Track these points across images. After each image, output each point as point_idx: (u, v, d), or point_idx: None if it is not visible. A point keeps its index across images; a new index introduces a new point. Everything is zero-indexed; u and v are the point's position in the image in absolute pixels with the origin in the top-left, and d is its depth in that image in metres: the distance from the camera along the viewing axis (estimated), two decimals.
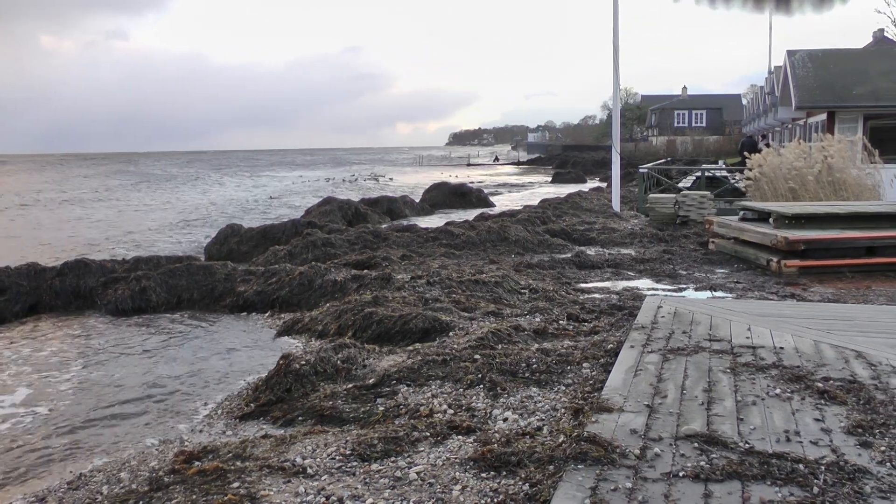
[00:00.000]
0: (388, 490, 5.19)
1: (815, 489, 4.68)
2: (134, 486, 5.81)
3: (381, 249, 17.24)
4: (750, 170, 23.50)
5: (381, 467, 5.57)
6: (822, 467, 4.99)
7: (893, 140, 27.37)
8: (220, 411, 8.13)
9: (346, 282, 13.06)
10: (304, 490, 5.25)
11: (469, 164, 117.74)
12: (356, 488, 5.24)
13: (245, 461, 5.86)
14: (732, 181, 29.70)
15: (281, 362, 8.42)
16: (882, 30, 66.74)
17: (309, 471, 5.56)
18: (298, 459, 5.78)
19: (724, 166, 43.34)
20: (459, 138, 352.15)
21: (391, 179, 73.68)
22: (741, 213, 18.47)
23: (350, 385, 7.81)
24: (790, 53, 30.73)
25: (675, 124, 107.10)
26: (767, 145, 28.81)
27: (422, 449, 5.90)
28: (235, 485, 5.37)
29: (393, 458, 5.73)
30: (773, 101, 42.73)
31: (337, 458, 5.79)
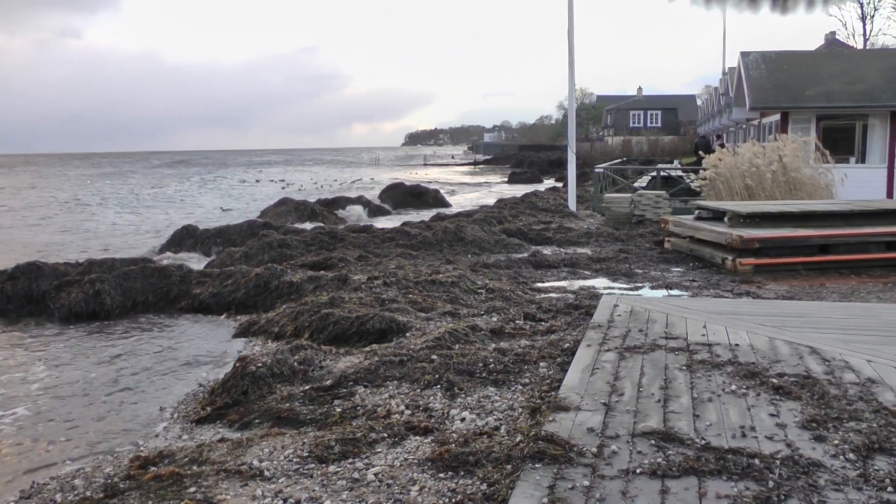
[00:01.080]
0: (346, 492, 5.19)
1: (771, 483, 4.74)
2: (88, 494, 5.75)
3: (338, 250, 17.19)
4: (705, 169, 23.72)
5: (339, 469, 5.56)
6: (777, 461, 5.06)
7: (845, 140, 27.75)
8: (176, 415, 8.06)
9: (302, 283, 13.02)
10: (261, 493, 5.23)
11: (425, 165, 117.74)
12: (314, 490, 5.23)
13: (202, 465, 5.83)
14: (688, 181, 29.94)
15: (237, 365, 8.38)
16: (834, 32, 67.71)
17: (266, 474, 5.54)
18: (255, 462, 5.76)
19: (679, 166, 43.65)
20: (416, 139, 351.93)
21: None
22: (696, 212, 18.62)
23: (307, 387, 7.79)
24: (744, 55, 31.01)
25: (631, 124, 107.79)
26: (721, 146, 29.05)
27: (379, 450, 5.90)
28: (192, 489, 5.34)
29: (350, 460, 5.72)
30: (728, 101, 43.10)
31: (294, 460, 5.77)
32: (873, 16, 79.19)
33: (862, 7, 77.08)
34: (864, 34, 79.49)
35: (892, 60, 30.33)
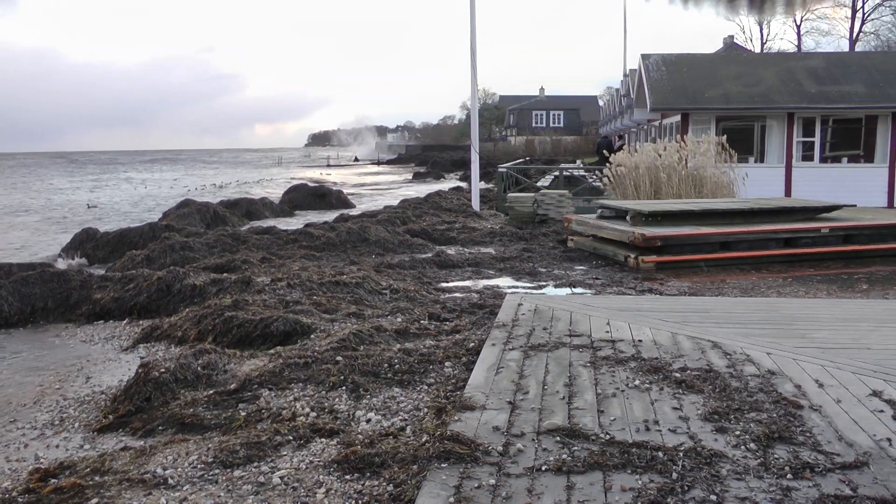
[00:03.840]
0: (252, 496, 5.14)
1: (674, 475, 4.83)
2: None
3: (241, 252, 17.01)
4: (612, 168, 24.02)
5: (244, 473, 5.51)
6: (681, 453, 5.16)
7: (744, 141, 28.36)
8: (77, 425, 7.86)
9: (205, 286, 12.85)
10: (165, 502, 5.14)
11: (329, 165, 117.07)
12: (219, 496, 5.17)
13: (104, 475, 5.71)
14: (590, 180, 30.30)
15: (140, 371, 8.23)
16: (732, 36, 69.57)
17: (170, 481, 5.45)
18: (159, 470, 5.66)
19: (581, 166, 44.17)
20: (319, 139, 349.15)
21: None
22: (599, 210, 18.85)
23: (211, 391, 7.68)
24: (644, 57, 31.48)
25: (534, 124, 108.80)
26: (621, 147, 29.46)
27: (285, 453, 5.85)
28: (94, 501, 5.23)
29: (256, 464, 5.66)
30: (629, 102, 43.67)
31: (199, 466, 5.69)
32: (770, 21, 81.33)
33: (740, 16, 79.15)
34: (762, 38, 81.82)
35: (788, 64, 31.13)
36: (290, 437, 6.11)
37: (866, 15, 71.20)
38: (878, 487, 4.74)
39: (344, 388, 7.34)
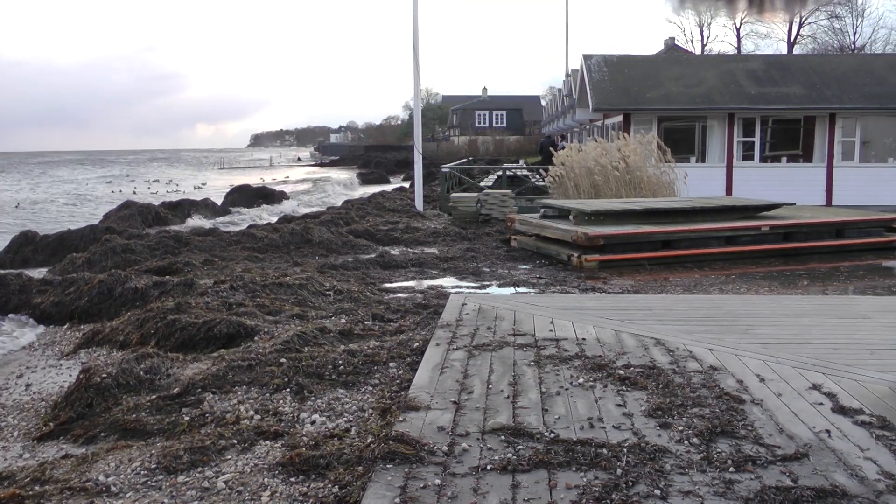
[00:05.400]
0: (196, 502, 5.09)
1: (619, 471, 4.87)
2: None
3: (183, 254, 16.85)
4: (555, 167, 24.14)
5: (189, 479, 5.45)
6: (625, 450, 5.21)
7: (685, 140, 28.74)
8: (16, 433, 7.71)
9: (147, 289, 12.70)
10: None
11: (271, 166, 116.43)
12: (163, 503, 5.11)
13: (44, 485, 5.62)
14: (533, 180, 30.43)
15: (81, 377, 8.11)
16: (673, 38, 70.33)
17: (113, 489, 5.38)
18: (101, 478, 5.57)
19: (524, 165, 44.35)
20: (261, 140, 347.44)
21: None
22: (542, 210, 18.94)
23: (154, 396, 7.59)
24: (586, 58, 31.70)
25: (477, 124, 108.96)
26: (563, 147, 29.64)
27: (229, 457, 5.81)
28: None
29: (200, 469, 5.61)
30: (571, 102, 43.90)
31: (142, 472, 5.62)
32: (710, 23, 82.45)
33: (699, 15, 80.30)
34: (702, 40, 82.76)
35: (728, 66, 31.62)
36: (235, 441, 6.06)
37: (804, 19, 72.31)
38: (818, 478, 4.83)
39: (288, 390, 7.30)
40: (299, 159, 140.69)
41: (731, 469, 4.94)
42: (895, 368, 7.17)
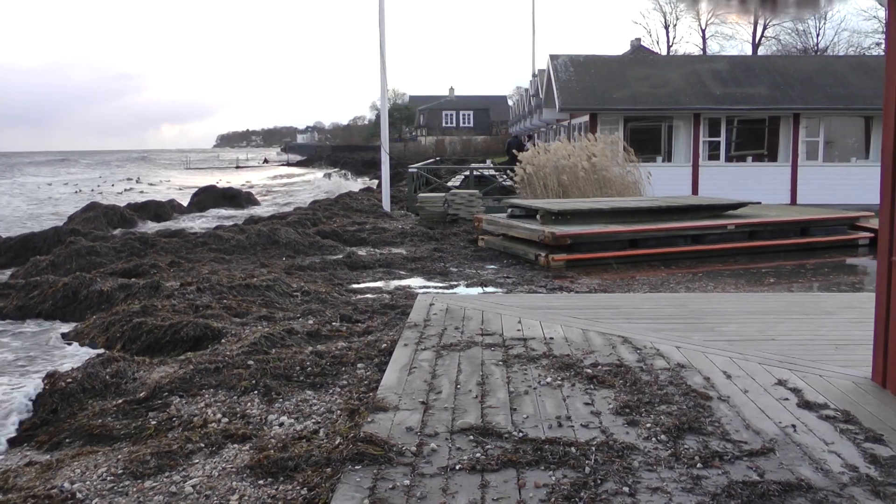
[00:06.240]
0: None
1: (587, 469, 4.89)
2: None
3: (149, 256, 16.73)
4: (522, 168, 24.20)
5: (156, 484, 5.41)
6: (593, 448, 5.22)
7: (652, 140, 28.95)
8: None
9: (113, 292, 12.60)
10: None
11: (238, 167, 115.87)
12: None
13: (8, 493, 5.55)
14: (500, 180, 30.48)
15: (45, 382, 8.03)
16: (639, 39, 70.78)
17: (78, 496, 5.32)
18: (67, 485, 5.52)
19: (492, 165, 44.41)
20: (228, 140, 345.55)
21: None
22: (509, 210, 18.98)
23: (120, 400, 7.53)
24: (553, 58, 31.82)
25: (444, 124, 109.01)
26: (527, 149, 29.72)
27: (197, 461, 5.77)
28: None
29: (167, 473, 5.57)
30: (538, 102, 43.98)
31: (108, 478, 5.56)
32: (676, 24, 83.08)
33: (665, 16, 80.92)
34: (668, 41, 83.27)
35: (694, 66, 31.88)
36: (202, 445, 6.03)
37: (768, 20, 72.86)
38: (784, 472, 4.87)
39: (256, 392, 7.27)
40: (266, 160, 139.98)
41: (699, 465, 4.97)
42: (859, 364, 7.22)
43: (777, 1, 4.26)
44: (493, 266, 15.60)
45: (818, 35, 72.90)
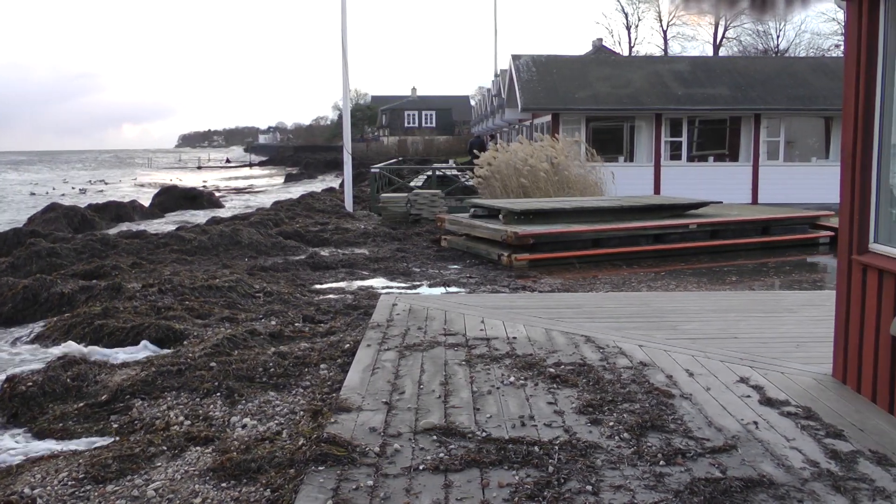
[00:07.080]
0: None
1: (551, 468, 4.91)
2: None
3: (111, 257, 16.58)
4: (481, 168, 24.23)
5: (118, 488, 5.37)
6: (556, 447, 5.24)
7: (614, 140, 29.10)
8: None
9: (74, 293, 12.49)
10: None
11: (200, 168, 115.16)
12: None
13: None
14: (463, 180, 30.52)
15: (5, 386, 7.94)
16: (601, 39, 71.12)
17: (39, 502, 5.27)
18: (27, 490, 5.45)
19: (454, 165, 44.45)
20: (189, 140, 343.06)
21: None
22: (472, 210, 19.00)
23: (81, 403, 7.47)
24: (515, 58, 31.90)
25: (406, 124, 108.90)
26: (490, 147, 29.78)
27: (159, 464, 5.73)
28: None
29: (129, 477, 5.52)
30: (500, 102, 44.08)
31: (69, 483, 5.51)
32: (637, 25, 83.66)
33: (627, 17, 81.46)
34: (630, 42, 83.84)
35: (655, 67, 32.10)
36: (165, 448, 5.99)
37: (729, 21, 73.46)
38: (746, 468, 4.92)
39: (218, 394, 7.24)
40: (228, 160, 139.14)
41: (662, 462, 5.00)
42: (820, 360, 7.30)
43: (739, 3, 4.28)
44: (455, 266, 15.62)
45: (779, 36, 73.77)
